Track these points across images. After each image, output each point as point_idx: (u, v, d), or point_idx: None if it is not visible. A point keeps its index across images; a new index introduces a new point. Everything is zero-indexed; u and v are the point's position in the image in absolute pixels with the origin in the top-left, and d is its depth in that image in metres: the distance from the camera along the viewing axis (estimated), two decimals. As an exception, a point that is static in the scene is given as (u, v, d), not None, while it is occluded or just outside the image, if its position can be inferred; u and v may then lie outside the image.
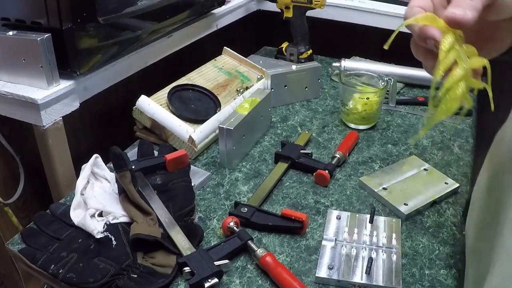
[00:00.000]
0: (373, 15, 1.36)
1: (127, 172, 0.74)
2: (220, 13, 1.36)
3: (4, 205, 1.04)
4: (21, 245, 0.73)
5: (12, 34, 0.86)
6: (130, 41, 1.00)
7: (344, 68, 1.22)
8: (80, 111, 0.96)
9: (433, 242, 0.73)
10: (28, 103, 0.86)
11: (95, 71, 0.97)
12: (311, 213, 0.80)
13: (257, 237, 0.75)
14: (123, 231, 0.72)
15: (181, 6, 1.13)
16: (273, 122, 1.08)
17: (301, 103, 1.16)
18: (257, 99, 0.97)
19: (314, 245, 0.73)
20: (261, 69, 1.15)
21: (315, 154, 0.96)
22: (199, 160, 0.94)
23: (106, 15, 0.90)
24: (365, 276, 0.66)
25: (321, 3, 1.25)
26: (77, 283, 0.64)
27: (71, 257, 0.68)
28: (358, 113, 1.02)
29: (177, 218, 0.74)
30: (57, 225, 0.75)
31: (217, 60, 1.18)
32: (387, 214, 0.79)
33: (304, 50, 1.32)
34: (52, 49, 0.85)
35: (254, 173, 0.90)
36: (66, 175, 0.96)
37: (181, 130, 0.93)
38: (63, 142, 0.94)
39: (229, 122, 0.89)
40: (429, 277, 0.67)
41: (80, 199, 0.78)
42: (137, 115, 0.98)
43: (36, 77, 0.87)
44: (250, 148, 0.98)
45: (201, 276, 0.64)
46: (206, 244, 0.73)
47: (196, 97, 1.04)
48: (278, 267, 0.66)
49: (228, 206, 0.82)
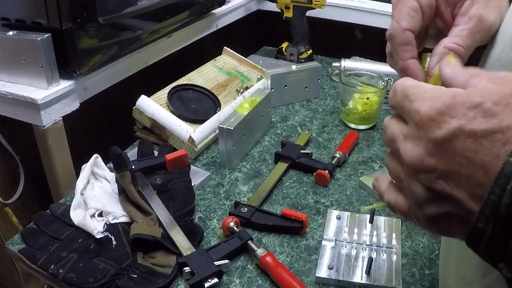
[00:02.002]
0: (373, 15, 1.36)
1: (127, 172, 0.74)
2: (220, 13, 1.36)
3: (4, 205, 1.04)
4: (21, 245, 0.73)
5: (12, 34, 0.86)
6: (130, 41, 1.00)
7: (344, 68, 1.22)
8: (80, 111, 0.96)
9: (433, 242, 0.73)
10: (28, 103, 0.86)
11: (95, 71, 0.97)
12: (311, 213, 0.80)
13: (257, 237, 0.75)
14: (123, 231, 0.72)
15: (181, 6, 1.13)
16: (273, 122, 1.08)
17: (301, 103, 1.16)
18: (257, 99, 0.97)
19: (314, 245, 0.73)
20: (261, 69, 1.15)
21: (315, 154, 0.96)
22: (199, 160, 0.94)
23: (106, 15, 0.90)
24: (365, 276, 0.66)
25: (321, 3, 1.25)
26: (77, 283, 0.64)
27: (71, 257, 0.68)
28: (358, 113, 1.02)
29: (177, 218, 0.74)
30: (57, 225, 0.75)
31: (217, 60, 1.18)
32: (387, 214, 0.79)
33: (304, 50, 1.32)
34: (52, 49, 0.85)
35: (254, 173, 0.90)
36: (66, 175, 0.96)
37: (181, 130, 0.93)
38: (63, 142, 0.94)
39: (229, 122, 0.89)
40: (429, 277, 0.67)
41: (80, 199, 0.78)
42: (137, 115, 0.98)
43: (36, 77, 0.87)
44: (250, 148, 0.98)
45: (201, 276, 0.64)
46: (206, 244, 0.73)
47: (196, 97, 1.04)
48: (278, 267, 0.66)
49: (228, 206, 0.82)
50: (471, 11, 0.42)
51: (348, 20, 1.41)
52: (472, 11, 0.42)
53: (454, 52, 0.41)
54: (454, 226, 0.32)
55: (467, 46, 0.41)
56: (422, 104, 0.31)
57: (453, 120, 0.30)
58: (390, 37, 0.43)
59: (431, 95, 0.32)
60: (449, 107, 0.30)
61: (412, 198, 0.33)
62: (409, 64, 0.43)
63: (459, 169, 0.30)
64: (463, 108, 0.30)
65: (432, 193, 0.31)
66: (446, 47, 0.41)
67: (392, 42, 0.43)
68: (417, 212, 0.34)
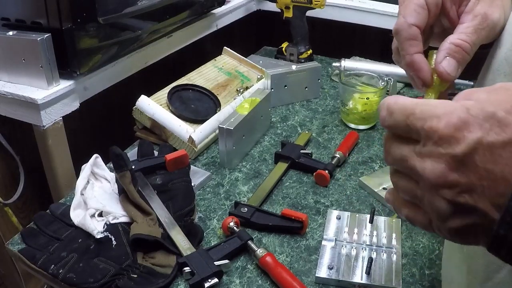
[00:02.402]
0: (373, 15, 1.36)
1: (127, 172, 0.74)
2: (220, 13, 1.36)
3: (4, 205, 1.04)
4: (21, 245, 0.73)
5: (12, 34, 0.86)
6: (130, 41, 1.00)
7: (344, 68, 1.22)
8: (80, 111, 0.96)
9: (433, 242, 0.73)
10: (28, 103, 0.86)
11: (95, 71, 0.97)
12: (311, 213, 0.80)
13: (257, 237, 0.75)
14: (123, 231, 0.72)
15: (181, 6, 1.13)
16: (273, 122, 1.08)
17: (301, 103, 1.16)
18: (257, 99, 0.97)
19: (314, 245, 0.73)
20: (261, 69, 1.15)
21: (315, 154, 0.96)
22: (199, 160, 0.94)
23: (106, 15, 0.90)
24: (365, 276, 0.66)
25: (321, 3, 1.25)
26: (77, 283, 0.64)
27: (71, 257, 0.68)
28: (358, 113, 1.02)
29: (177, 218, 0.74)
30: (57, 225, 0.75)
31: (217, 60, 1.18)
32: (387, 214, 0.79)
33: (304, 50, 1.32)
34: (52, 49, 0.85)
35: (254, 173, 0.90)
36: (66, 175, 0.96)
37: (181, 130, 0.93)
38: (63, 142, 0.94)
39: (229, 122, 0.89)
40: (429, 277, 0.67)
41: (80, 199, 0.78)
42: (137, 115, 0.98)
43: (36, 77, 0.87)
44: (250, 148, 0.98)
45: (201, 276, 0.64)
46: (206, 244, 0.73)
47: (196, 97, 1.04)
48: (278, 267, 0.66)
49: (228, 206, 0.82)
50: (476, 9, 0.43)
51: (348, 20, 1.41)
52: (477, 9, 0.43)
53: (460, 48, 0.42)
54: (478, 236, 0.33)
55: (473, 43, 0.43)
56: (438, 121, 0.31)
57: (471, 134, 0.30)
58: (396, 32, 0.44)
59: (444, 111, 0.32)
60: (465, 122, 0.31)
61: (435, 213, 0.33)
62: (416, 58, 0.43)
63: (481, 181, 0.30)
64: (478, 121, 0.30)
65: (456, 206, 0.32)
66: (452, 43, 0.42)
67: (399, 37, 0.44)
68: (441, 226, 0.34)
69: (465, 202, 0.31)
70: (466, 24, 0.43)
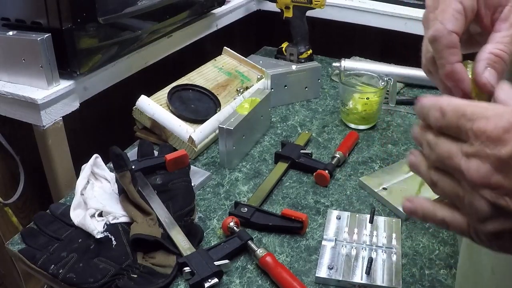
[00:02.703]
0: (373, 15, 1.36)
1: (127, 172, 0.74)
2: (220, 13, 1.36)
3: (4, 205, 1.04)
4: (21, 245, 0.73)
5: (12, 34, 0.86)
6: (130, 41, 1.00)
7: (344, 68, 1.22)
8: (80, 111, 0.96)
9: (433, 242, 0.73)
10: (28, 103, 0.86)
11: (95, 71, 0.97)
12: (311, 213, 0.80)
13: (257, 237, 0.75)
14: (123, 231, 0.72)
15: (181, 6, 1.13)
16: (273, 122, 1.08)
17: (301, 103, 1.16)
18: (257, 99, 0.97)
19: (314, 245, 0.73)
20: (261, 69, 1.15)
21: (315, 154, 0.96)
22: (199, 160, 0.94)
23: (106, 15, 0.90)
24: (365, 276, 0.66)
25: (321, 3, 1.25)
26: (77, 283, 0.64)
27: (71, 257, 0.68)
28: (358, 113, 1.02)
29: (177, 218, 0.74)
30: (57, 225, 0.75)
31: (217, 60, 1.18)
32: (387, 214, 0.79)
33: (304, 50, 1.32)
34: (52, 49, 0.85)
35: (254, 173, 0.90)
36: (66, 175, 0.96)
37: (181, 130, 0.93)
38: (63, 142, 0.94)
39: (229, 122, 0.89)
40: (429, 277, 0.67)
41: (80, 199, 0.78)
42: (137, 115, 0.98)
43: (36, 77, 0.87)
44: (250, 148, 0.98)
45: (201, 276, 0.64)
46: (206, 244, 0.73)
47: (196, 97, 1.04)
48: (278, 267, 0.66)
49: (228, 206, 0.82)
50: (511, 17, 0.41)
51: (348, 20, 1.41)
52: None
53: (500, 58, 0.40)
54: None
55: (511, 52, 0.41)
56: (487, 122, 0.32)
57: None
58: (435, 39, 0.40)
59: (493, 113, 0.32)
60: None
61: (474, 214, 0.33)
62: (457, 68, 0.40)
63: None
64: None
65: (497, 209, 0.32)
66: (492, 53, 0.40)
67: (437, 44, 0.40)
68: (478, 229, 0.34)
69: (506, 205, 0.31)
70: (503, 33, 0.41)
